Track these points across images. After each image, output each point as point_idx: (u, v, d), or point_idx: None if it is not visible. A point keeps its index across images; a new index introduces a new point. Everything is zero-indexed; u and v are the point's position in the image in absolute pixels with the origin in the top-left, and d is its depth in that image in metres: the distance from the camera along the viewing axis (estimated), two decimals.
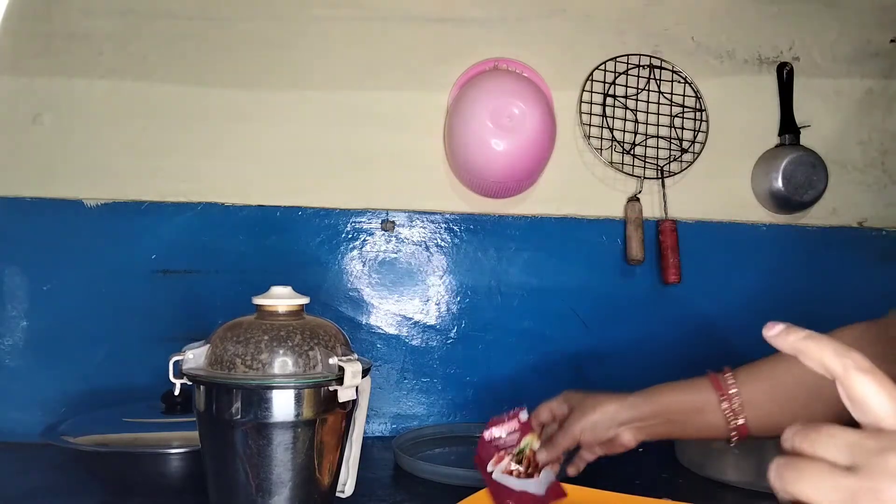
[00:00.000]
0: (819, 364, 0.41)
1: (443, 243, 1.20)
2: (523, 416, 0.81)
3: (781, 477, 0.38)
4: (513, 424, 0.81)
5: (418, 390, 1.18)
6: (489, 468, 0.78)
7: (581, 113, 1.22)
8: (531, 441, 0.80)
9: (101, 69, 1.13)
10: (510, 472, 0.77)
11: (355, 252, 1.18)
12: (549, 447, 0.80)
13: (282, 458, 0.70)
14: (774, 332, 0.44)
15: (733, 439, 0.77)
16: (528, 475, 0.77)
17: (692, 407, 0.78)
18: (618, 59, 1.23)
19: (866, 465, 0.36)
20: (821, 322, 0.87)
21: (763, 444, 0.91)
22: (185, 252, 1.13)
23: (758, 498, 0.91)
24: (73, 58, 1.13)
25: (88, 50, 1.13)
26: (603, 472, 0.95)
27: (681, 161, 1.24)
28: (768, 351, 1.01)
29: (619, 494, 0.83)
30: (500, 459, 0.78)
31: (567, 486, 0.83)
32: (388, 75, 1.19)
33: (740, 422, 0.76)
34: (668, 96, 1.24)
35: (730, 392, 0.77)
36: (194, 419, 0.74)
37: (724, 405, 0.76)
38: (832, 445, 0.38)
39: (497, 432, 0.80)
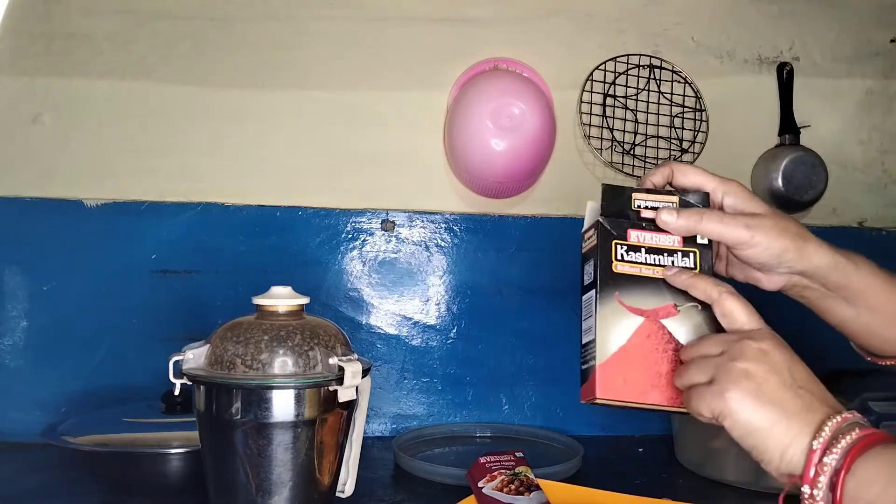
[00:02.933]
0: (703, 293, 0.59)
1: (443, 243, 1.20)
2: (519, 454, 0.83)
3: (679, 374, 0.58)
4: (508, 457, 0.83)
5: (418, 390, 1.18)
6: (480, 484, 0.79)
7: (581, 113, 1.22)
8: (526, 469, 0.81)
9: (101, 69, 1.13)
10: (500, 490, 0.78)
11: (355, 252, 1.18)
12: (708, 217, 0.61)
13: (282, 458, 0.70)
14: (672, 273, 0.61)
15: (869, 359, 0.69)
16: (519, 493, 0.77)
17: (883, 312, 0.65)
18: (618, 59, 1.23)
19: (729, 349, 0.55)
20: (820, 322, 0.87)
21: None
22: (185, 252, 1.13)
23: (758, 498, 0.92)
24: (73, 58, 1.13)
25: (88, 50, 1.13)
26: (603, 472, 0.95)
27: (681, 161, 1.24)
28: None
29: (619, 494, 0.84)
30: (493, 479, 0.79)
31: (567, 486, 0.84)
32: (388, 75, 1.19)
33: None
34: (668, 96, 1.24)
35: None
36: (194, 419, 0.74)
37: None
38: (711, 344, 0.57)
39: (493, 459, 0.82)
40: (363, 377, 0.74)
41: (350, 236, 1.18)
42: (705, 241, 0.62)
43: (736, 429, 0.53)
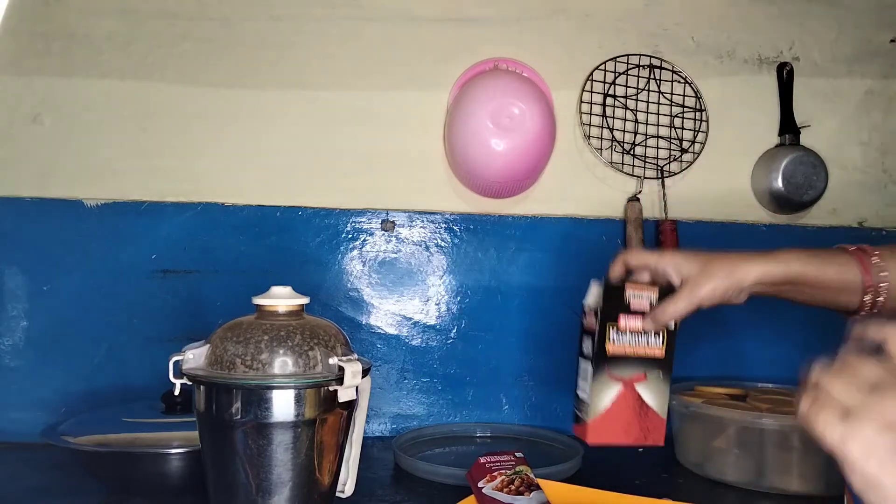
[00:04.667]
0: None
1: (443, 243, 1.20)
2: (519, 455, 0.84)
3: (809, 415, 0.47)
4: (508, 457, 0.83)
5: (418, 390, 1.18)
6: (480, 484, 0.79)
7: (581, 113, 1.22)
8: (526, 469, 0.81)
9: (101, 69, 1.13)
10: (500, 490, 0.78)
11: (355, 252, 1.18)
12: (659, 312, 0.76)
13: (282, 458, 0.70)
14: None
15: (862, 313, 0.75)
16: (519, 493, 0.77)
17: (831, 285, 0.74)
18: (618, 59, 1.23)
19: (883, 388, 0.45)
20: (820, 322, 0.87)
21: (763, 444, 0.92)
22: (185, 252, 1.13)
23: (758, 498, 0.92)
24: (73, 58, 1.13)
25: (88, 50, 1.13)
26: (603, 472, 0.95)
27: (681, 161, 1.24)
28: (767, 352, 1.00)
29: (619, 494, 0.84)
30: (493, 479, 0.79)
31: (567, 486, 0.84)
32: (388, 75, 1.19)
33: (881, 300, 0.74)
34: (668, 96, 1.24)
35: (879, 276, 0.73)
36: (194, 419, 0.74)
37: (869, 290, 0.73)
38: (866, 370, 0.47)
39: (493, 459, 0.83)
40: (363, 377, 0.74)
41: (350, 236, 1.18)
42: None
43: (856, 480, 0.45)
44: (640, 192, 1.22)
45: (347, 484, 0.80)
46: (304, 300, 0.76)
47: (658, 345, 0.79)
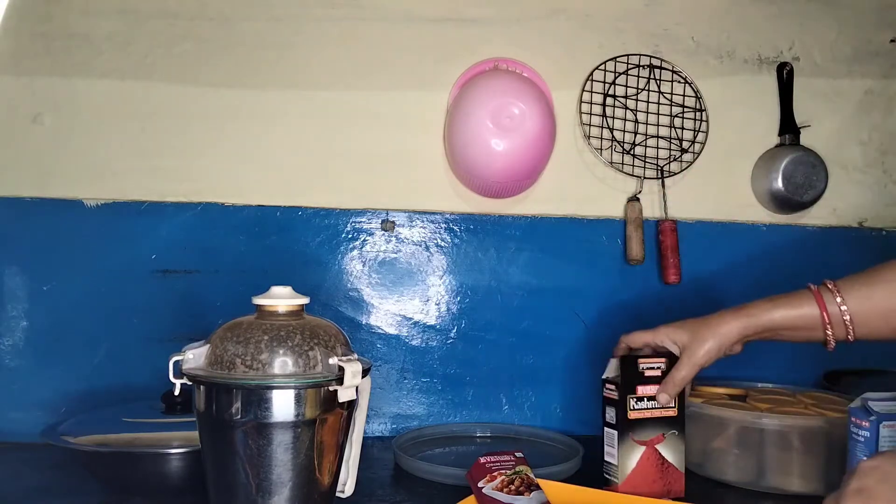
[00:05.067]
0: None
1: (443, 243, 1.20)
2: (519, 455, 0.85)
3: None
4: (508, 457, 0.84)
5: (418, 390, 1.18)
6: (480, 484, 0.79)
7: (581, 113, 1.22)
8: (526, 469, 0.81)
9: (101, 69, 1.13)
10: (500, 490, 0.78)
11: (355, 252, 1.18)
12: (670, 383, 0.86)
13: (282, 458, 0.70)
14: None
15: (832, 347, 0.84)
16: (519, 493, 0.77)
17: (800, 324, 0.84)
18: (618, 59, 1.23)
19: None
20: None
21: (763, 444, 0.92)
22: (185, 252, 1.13)
23: (758, 498, 0.92)
24: (73, 58, 1.13)
25: (88, 50, 1.13)
26: (603, 471, 0.95)
27: (681, 161, 1.24)
28: (767, 352, 1.00)
29: (619, 494, 0.84)
30: (493, 479, 0.79)
31: (567, 486, 0.84)
32: (388, 75, 1.19)
33: (850, 338, 0.82)
34: (668, 96, 1.24)
35: (840, 310, 0.81)
36: (194, 419, 0.74)
37: (828, 325, 0.82)
38: None
39: (493, 459, 0.83)
40: (363, 377, 0.74)
41: (350, 236, 1.18)
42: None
43: None
44: (640, 192, 1.22)
45: (347, 484, 0.80)
46: (304, 300, 0.76)
47: (672, 405, 0.89)
